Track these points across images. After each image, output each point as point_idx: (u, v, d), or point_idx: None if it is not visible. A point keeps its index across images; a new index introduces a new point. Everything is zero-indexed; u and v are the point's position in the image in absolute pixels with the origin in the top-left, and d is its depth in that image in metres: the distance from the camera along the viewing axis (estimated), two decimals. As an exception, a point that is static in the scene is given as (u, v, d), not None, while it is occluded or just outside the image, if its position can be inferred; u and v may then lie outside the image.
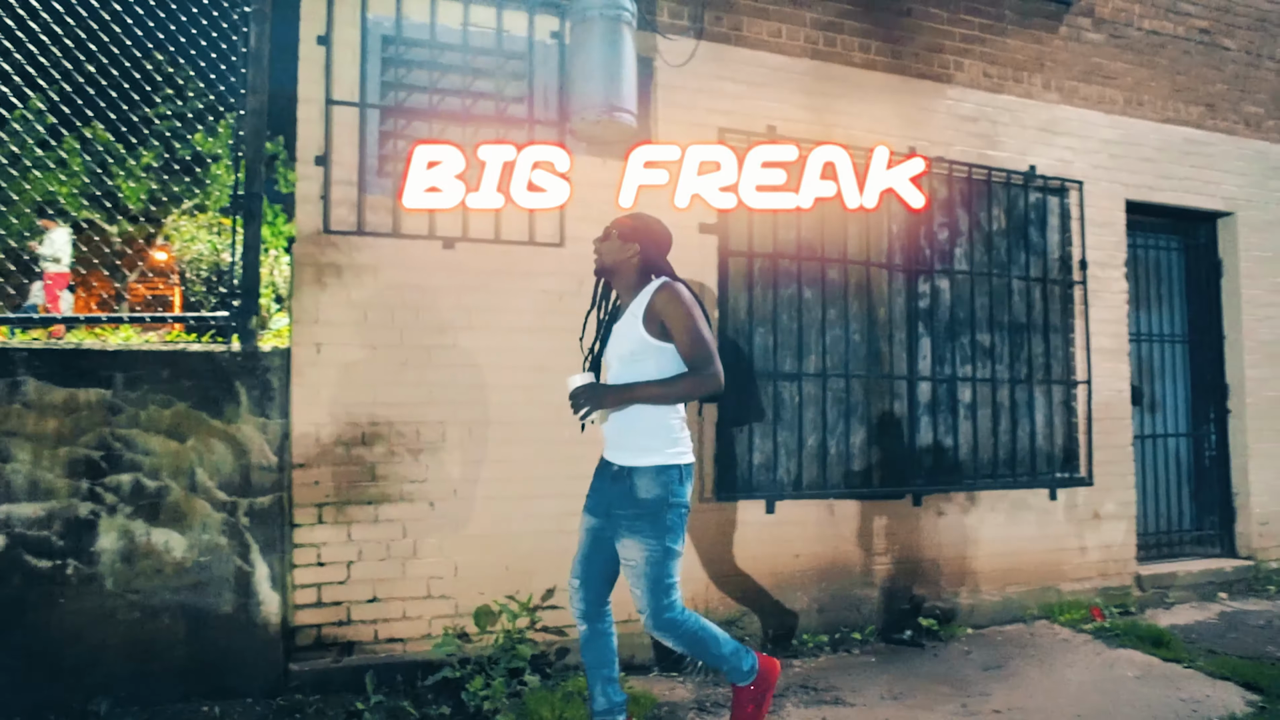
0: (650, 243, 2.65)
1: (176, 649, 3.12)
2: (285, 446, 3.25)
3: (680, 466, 2.53)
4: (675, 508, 2.50)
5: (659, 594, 2.49)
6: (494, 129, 3.60)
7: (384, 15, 3.48)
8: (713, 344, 2.49)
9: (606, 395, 2.49)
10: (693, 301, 2.52)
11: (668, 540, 2.49)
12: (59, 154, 10.46)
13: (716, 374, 2.44)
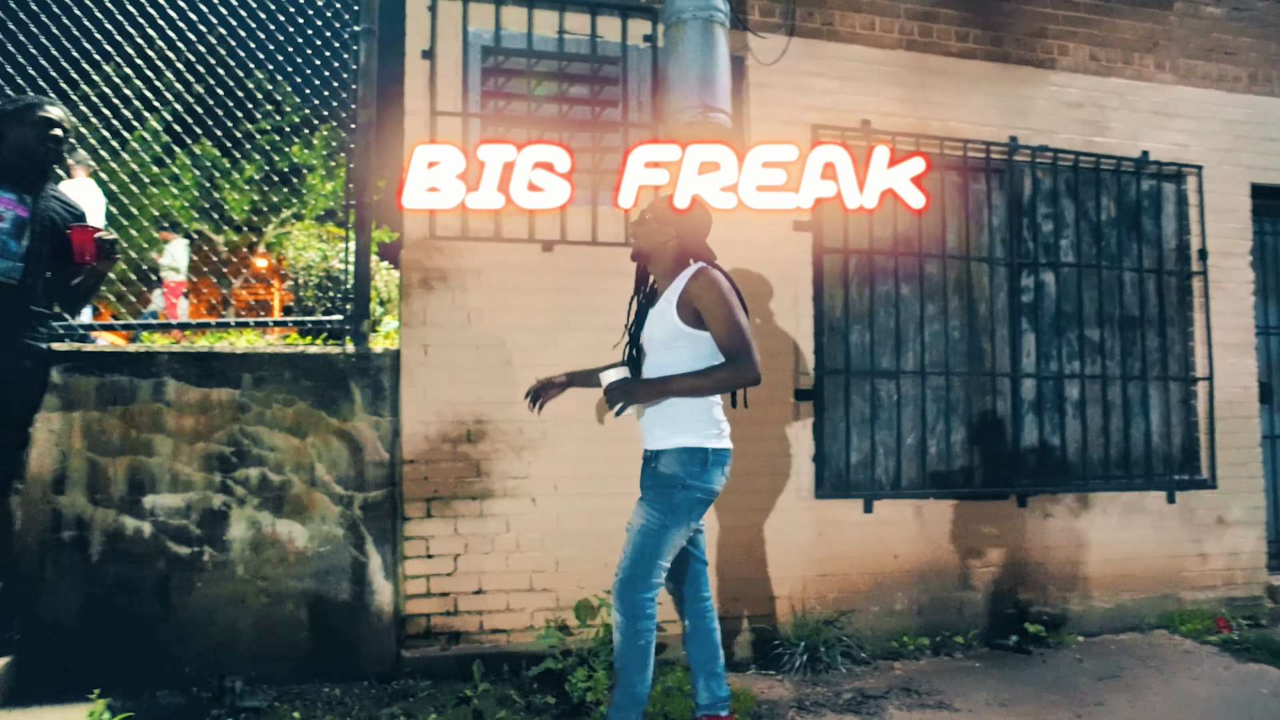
0: (687, 227, 2.59)
1: (300, 633, 3.31)
2: (396, 444, 3.41)
3: (708, 450, 2.46)
4: (688, 489, 2.43)
5: (639, 565, 2.44)
6: (589, 133, 3.68)
7: (484, 28, 3.60)
8: (749, 333, 2.42)
9: (640, 389, 2.47)
10: (729, 289, 2.45)
11: (669, 518, 2.43)
12: (172, 170, 11.23)
13: (753, 365, 2.38)
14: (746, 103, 3.86)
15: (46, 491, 3.15)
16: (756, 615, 3.71)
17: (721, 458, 2.49)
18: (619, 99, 3.71)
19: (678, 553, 2.59)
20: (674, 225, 2.57)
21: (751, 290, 3.78)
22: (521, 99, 3.63)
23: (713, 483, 2.48)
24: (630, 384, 2.46)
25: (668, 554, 2.46)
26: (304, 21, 3.69)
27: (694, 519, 2.48)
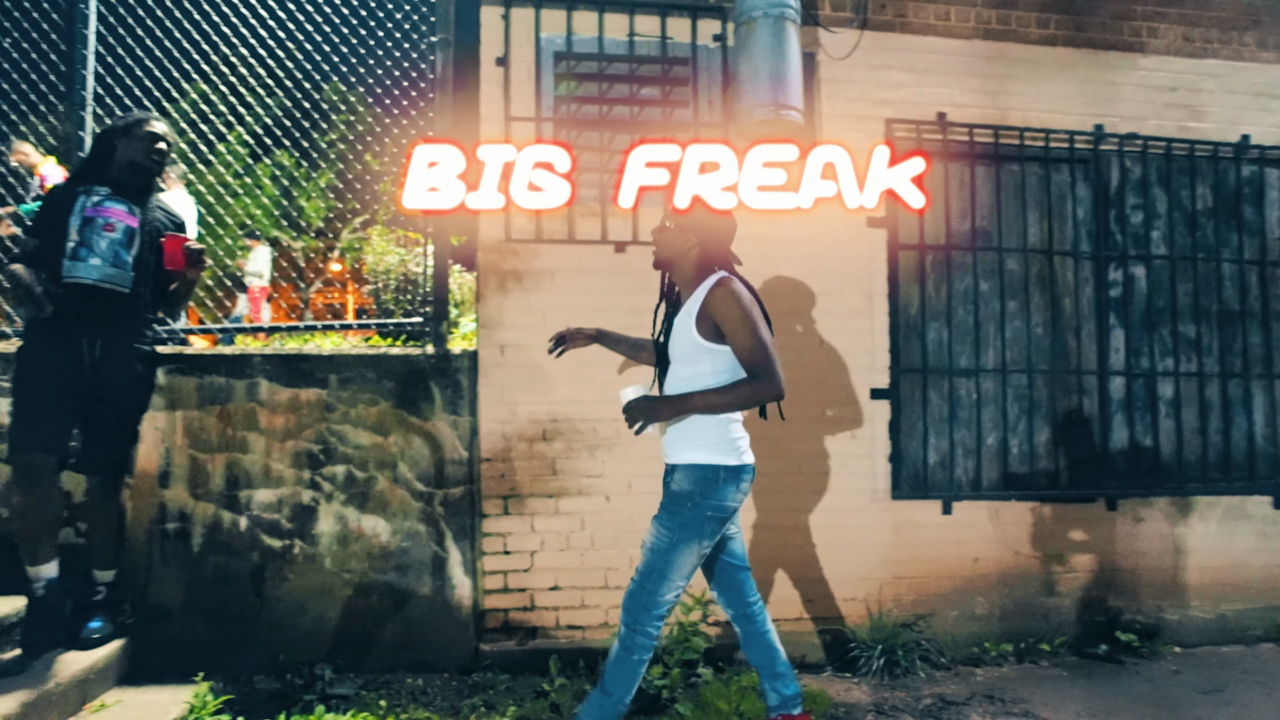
0: (709, 234, 2.49)
1: (383, 625, 3.43)
2: (474, 442, 3.50)
3: (720, 467, 2.37)
4: (698, 507, 2.35)
5: (649, 581, 2.37)
6: (659, 134, 3.69)
7: (556, 34, 3.66)
8: (771, 346, 2.32)
9: (661, 408, 2.37)
10: (750, 301, 2.36)
11: (678, 536, 2.35)
12: (254, 180, 11.75)
13: (776, 380, 2.28)
14: (818, 99, 3.82)
15: (153, 486, 3.34)
16: (831, 617, 3.66)
17: (737, 474, 2.39)
18: (689, 99, 3.72)
19: (708, 563, 2.57)
20: (694, 232, 2.48)
21: (823, 289, 3.75)
22: (593, 102, 3.67)
23: (725, 500, 2.38)
24: (650, 402, 2.37)
25: (679, 573, 2.37)
26: (384, 34, 3.81)
27: (705, 537, 2.38)
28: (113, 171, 2.94)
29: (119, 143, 2.93)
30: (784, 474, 3.65)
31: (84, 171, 2.98)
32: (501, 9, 3.62)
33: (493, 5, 3.63)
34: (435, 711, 3.03)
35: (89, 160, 3.00)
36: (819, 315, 3.74)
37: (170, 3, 3.82)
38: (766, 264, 3.70)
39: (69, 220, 2.82)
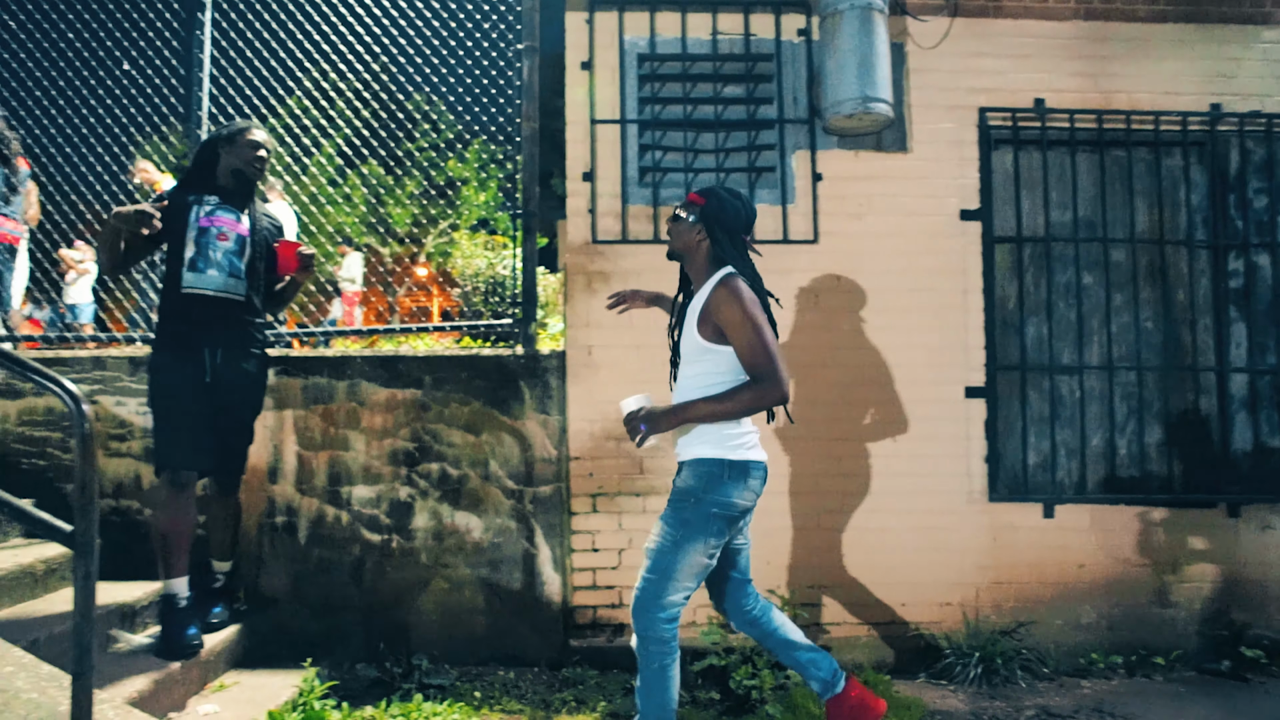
0: (720, 225, 2.35)
1: (476, 618, 3.52)
2: (563, 441, 3.56)
3: (725, 462, 2.27)
4: (701, 504, 2.26)
5: (654, 584, 2.27)
6: (744, 132, 3.67)
7: (639, 36, 3.69)
8: (775, 349, 2.20)
9: (661, 419, 2.28)
10: (753, 301, 2.24)
11: (681, 534, 2.25)
12: (345, 190, 12.25)
13: (779, 384, 2.17)
14: (908, 90, 3.72)
15: (263, 481, 3.53)
16: (925, 622, 3.55)
17: (744, 470, 2.29)
18: (773, 96, 3.69)
19: (714, 577, 2.47)
20: (704, 223, 2.37)
21: (914, 285, 3.64)
22: (677, 103, 3.68)
23: (731, 497, 2.27)
24: (651, 414, 2.29)
25: (684, 574, 2.27)
26: (472, 44, 3.92)
27: (711, 536, 2.27)
28: (218, 180, 3.02)
29: (223, 151, 3.00)
30: (875, 474, 3.57)
31: (191, 180, 3.05)
32: (585, 14, 3.68)
33: (577, 11, 3.69)
34: (527, 704, 3.09)
35: (195, 169, 3.07)
36: (909, 312, 3.64)
37: (275, 24, 4.03)
38: (854, 261, 3.63)
39: (185, 231, 2.91)
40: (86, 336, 4.34)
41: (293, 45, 4.04)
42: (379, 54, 4.07)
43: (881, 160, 3.67)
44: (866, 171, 3.65)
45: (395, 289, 15.77)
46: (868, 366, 3.60)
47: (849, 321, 3.61)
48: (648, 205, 3.64)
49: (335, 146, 4.93)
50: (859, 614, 3.55)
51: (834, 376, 3.59)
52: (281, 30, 4.03)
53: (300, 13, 3.99)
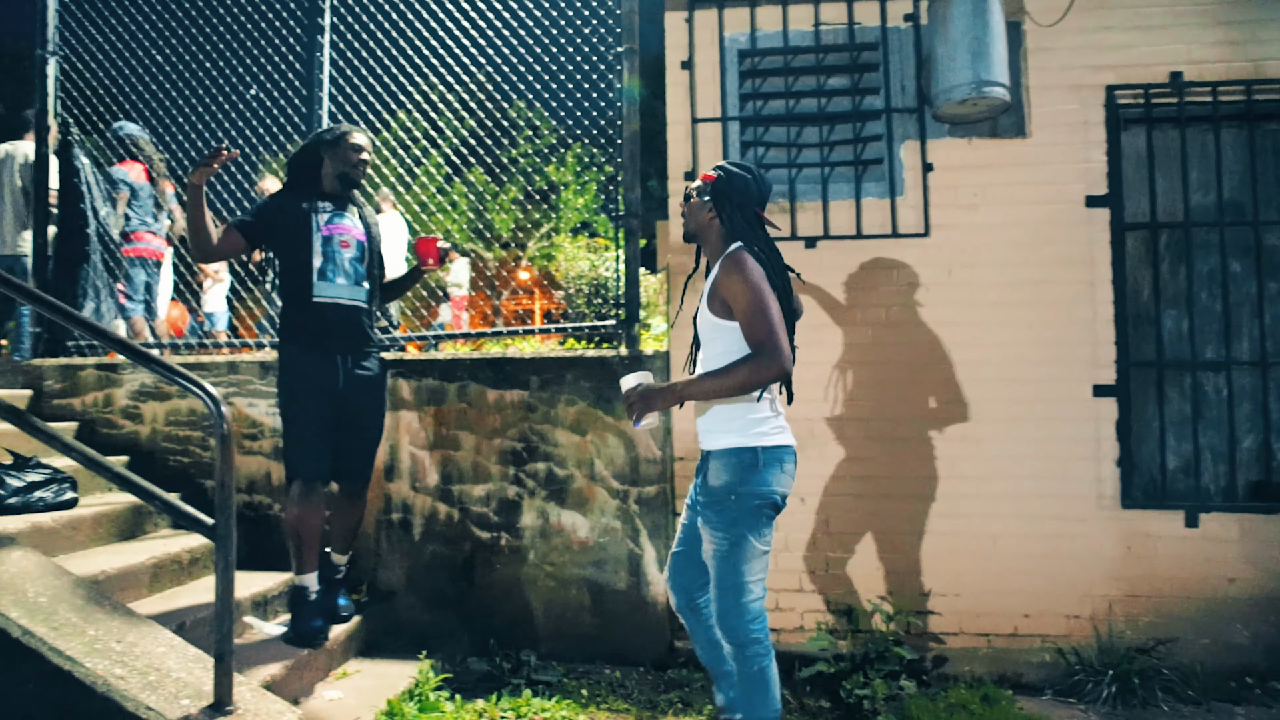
0: (732, 203, 2.27)
1: (582, 616, 3.56)
2: (667, 441, 3.55)
3: (758, 449, 2.18)
4: (742, 497, 2.17)
5: (728, 593, 2.20)
6: (849, 124, 3.57)
7: (739, 32, 3.64)
8: (775, 320, 2.08)
9: (658, 397, 2.19)
10: (758, 273, 2.13)
11: (735, 532, 2.18)
12: (451, 197, 12.70)
13: (777, 356, 2.05)
14: (1025, 72, 3.51)
15: (380, 479, 3.69)
16: (1050, 635, 3.34)
17: (777, 455, 2.21)
18: (880, 85, 3.56)
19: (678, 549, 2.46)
20: (715, 201, 2.29)
21: (1035, 277, 3.43)
22: (779, 97, 3.61)
23: (770, 485, 2.19)
24: (648, 391, 2.20)
25: (752, 574, 2.21)
26: (573, 49, 3.97)
27: (763, 526, 2.20)
28: (323, 184, 3.06)
29: (326, 154, 3.04)
30: (991, 477, 3.39)
31: (296, 184, 3.07)
32: (685, 13, 3.66)
33: (676, 10, 3.68)
34: (634, 704, 3.10)
35: (299, 172, 3.08)
36: (1029, 306, 3.43)
37: (388, 41, 4.21)
38: (968, 253, 3.46)
39: (310, 239, 2.95)
40: (222, 343, 4.67)
41: (403, 61, 4.21)
42: (483, 64, 4.18)
43: (997, 147, 3.49)
44: (981, 159, 3.48)
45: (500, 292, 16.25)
46: (983, 364, 3.43)
47: (961, 316, 3.44)
48: (749, 203, 3.58)
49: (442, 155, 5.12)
50: (975, 624, 3.38)
51: (945, 374, 3.43)
52: (393, 47, 4.21)
53: (410, 29, 4.15)
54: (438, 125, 4.44)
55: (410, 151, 4.78)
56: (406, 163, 4.79)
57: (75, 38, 4.47)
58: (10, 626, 2.13)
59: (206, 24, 4.41)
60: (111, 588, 2.78)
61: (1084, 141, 3.46)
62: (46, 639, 2.13)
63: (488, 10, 4.06)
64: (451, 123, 4.52)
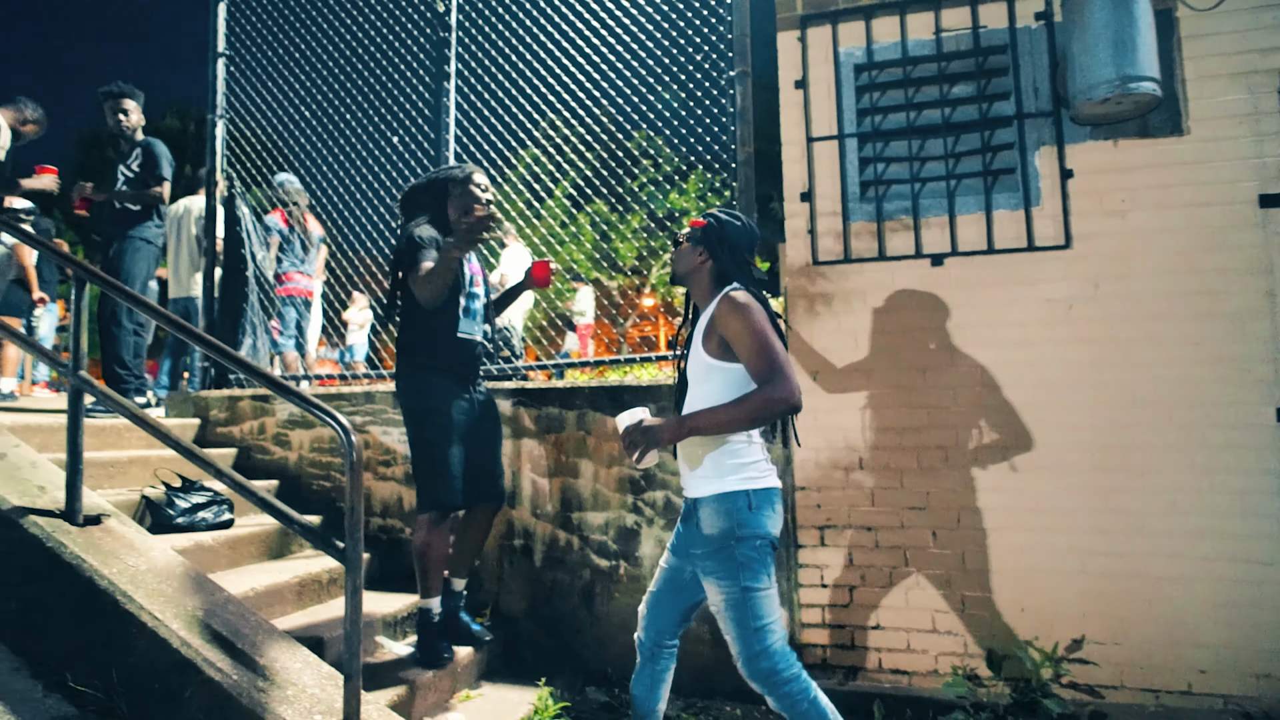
0: (722, 247, 2.32)
1: (701, 649, 3.47)
2: (788, 470, 3.43)
3: (749, 493, 2.18)
4: (745, 540, 2.15)
5: (748, 640, 2.16)
6: (976, 133, 3.37)
7: (854, 46, 3.54)
8: (783, 355, 2.11)
9: (661, 433, 2.15)
10: (757, 311, 2.17)
11: (744, 579, 2.15)
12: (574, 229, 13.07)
13: (787, 387, 2.05)
14: (1179, 63, 3.20)
15: (504, 506, 3.77)
16: (1234, 695, 2.93)
17: (768, 497, 2.21)
18: (1009, 90, 3.35)
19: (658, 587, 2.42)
20: (705, 246, 2.34)
21: (1199, 288, 3.08)
22: (899, 110, 3.47)
23: (765, 526, 2.18)
24: (650, 428, 2.17)
25: (768, 616, 2.16)
26: (685, 76, 3.99)
27: (767, 568, 2.18)
28: (449, 220, 3.10)
29: (453, 192, 3.10)
30: (1154, 512, 3.04)
31: (434, 221, 3.10)
32: (797, 31, 3.60)
33: (788, 30, 3.62)
34: (756, 744, 2.97)
35: (427, 208, 3.13)
36: (1193, 320, 3.08)
37: (508, 83, 4.40)
38: (1117, 264, 3.15)
39: (461, 279, 3.02)
40: (361, 374, 4.97)
41: (522, 101, 4.38)
42: (598, 98, 4.28)
43: (1148, 147, 3.18)
44: (1129, 162, 3.18)
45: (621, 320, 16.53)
46: (1139, 386, 3.10)
47: (1111, 334, 3.14)
48: (871, 221, 3.45)
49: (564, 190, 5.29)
50: (1140, 678, 3.02)
51: (1095, 399, 3.13)
52: (514, 88, 4.39)
53: (529, 69, 4.32)
54: (558, 161, 4.58)
55: (536, 186, 4.95)
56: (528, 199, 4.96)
57: (239, 101, 4.96)
58: (171, 638, 2.32)
59: (347, 79, 4.77)
60: (260, 603, 2.97)
61: (1255, 134, 3.10)
62: (200, 650, 2.30)
63: (601, 45, 4.16)
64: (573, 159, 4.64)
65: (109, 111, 4.58)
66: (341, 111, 4.79)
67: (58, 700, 2.35)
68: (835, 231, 3.47)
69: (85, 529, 2.65)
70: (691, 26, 3.90)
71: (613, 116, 4.35)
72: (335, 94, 4.80)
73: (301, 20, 4.82)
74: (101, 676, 2.35)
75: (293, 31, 4.85)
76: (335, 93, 4.80)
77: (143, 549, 2.68)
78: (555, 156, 4.66)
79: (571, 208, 11.79)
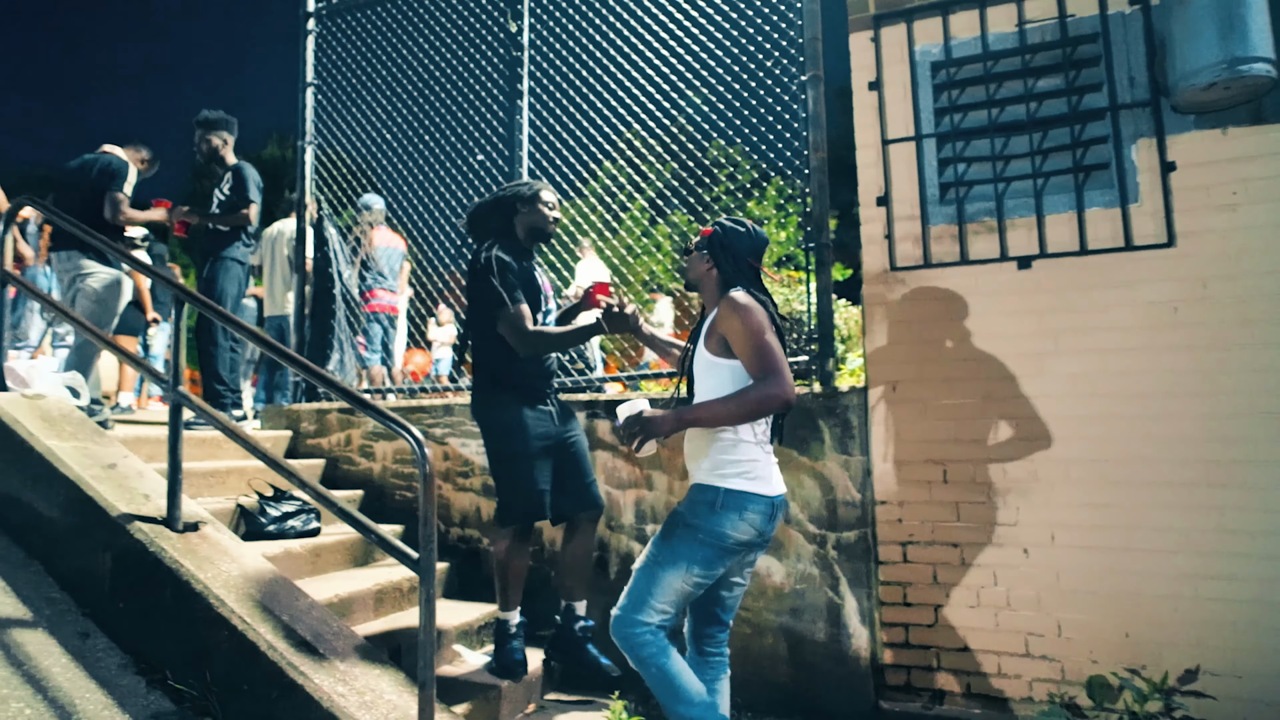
0: (728, 255, 2.40)
1: (779, 667, 3.39)
2: (867, 483, 3.32)
3: (723, 491, 2.24)
4: (689, 529, 2.24)
5: (629, 597, 2.31)
6: (1065, 128, 3.19)
7: (931, 44, 3.42)
8: (777, 353, 2.18)
9: (661, 423, 2.24)
10: (756, 311, 2.24)
11: (663, 554, 2.27)
12: (655, 240, 13.10)
13: (783, 384, 2.12)
14: (1296, 43, 2.95)
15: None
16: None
17: (739, 502, 2.23)
18: (1101, 81, 3.16)
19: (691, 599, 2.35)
20: (712, 253, 2.44)
21: (1326, 286, 2.82)
22: (980, 108, 3.33)
23: (722, 528, 2.22)
24: (651, 418, 2.26)
25: (660, 596, 2.26)
26: (755, 83, 3.94)
27: (696, 564, 2.24)
28: (517, 237, 3.12)
29: (522, 209, 3.10)
30: (1273, 533, 2.78)
31: (485, 235, 3.14)
32: (870, 31, 3.51)
33: (861, 31, 3.53)
34: (836, 768, 2.87)
35: (496, 225, 3.14)
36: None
37: (580, 99, 4.45)
38: (1227, 263, 2.90)
39: (539, 297, 3.04)
40: (445, 387, 5.09)
41: (594, 115, 4.42)
42: (669, 109, 4.27)
43: (1262, 134, 2.93)
44: (1239, 152, 2.94)
45: (701, 331, 16.43)
46: (1254, 395, 2.85)
47: (1220, 338, 2.90)
48: (951, 224, 3.31)
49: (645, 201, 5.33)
50: (1265, 716, 2.76)
51: (1205, 408, 2.89)
52: (585, 103, 4.43)
53: (599, 84, 4.35)
54: (632, 173, 4.60)
55: (610, 200, 4.98)
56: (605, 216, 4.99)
57: (327, 128, 5.19)
58: (259, 641, 2.41)
59: (425, 102, 4.93)
60: (342, 610, 3.07)
61: None
62: (285, 655, 2.38)
63: (670, 56, 4.15)
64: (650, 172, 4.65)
65: (200, 138, 4.87)
66: (420, 133, 4.95)
67: (159, 697, 2.47)
68: (914, 236, 3.35)
69: (184, 535, 2.79)
70: (761, 33, 3.84)
71: (683, 128, 4.33)
72: (415, 117, 4.97)
73: (382, 47, 5.02)
74: (197, 675, 2.47)
75: (374, 59, 5.05)
76: (415, 115, 4.97)
77: (235, 555, 2.81)
78: (626, 171, 4.67)
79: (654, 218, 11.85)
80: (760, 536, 2.29)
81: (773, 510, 2.29)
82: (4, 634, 2.51)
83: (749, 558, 2.41)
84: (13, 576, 2.80)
